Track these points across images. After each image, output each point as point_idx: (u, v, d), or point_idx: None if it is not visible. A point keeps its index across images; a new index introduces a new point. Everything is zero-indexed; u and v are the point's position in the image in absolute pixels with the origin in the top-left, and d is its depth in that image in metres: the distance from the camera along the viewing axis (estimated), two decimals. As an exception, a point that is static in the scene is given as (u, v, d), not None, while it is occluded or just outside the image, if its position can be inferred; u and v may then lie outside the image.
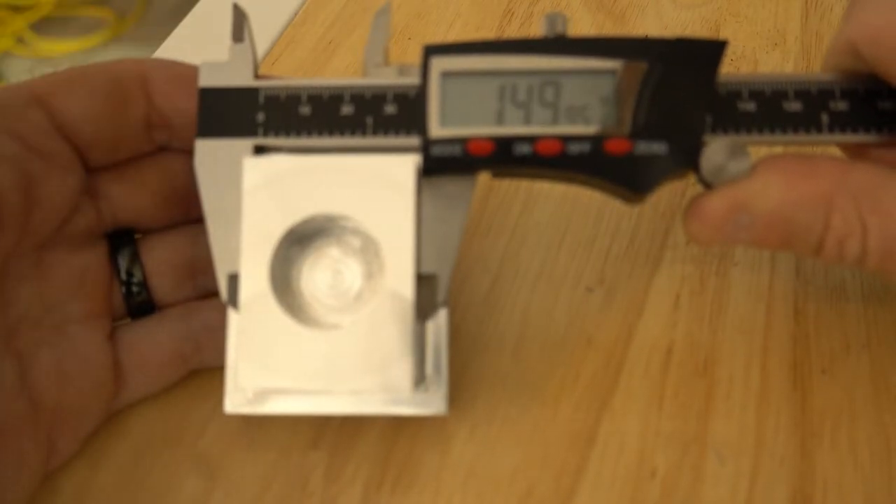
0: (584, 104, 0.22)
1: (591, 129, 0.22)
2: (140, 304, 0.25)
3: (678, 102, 0.22)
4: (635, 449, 0.24)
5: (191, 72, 0.24)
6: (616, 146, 0.22)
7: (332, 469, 0.24)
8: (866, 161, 0.23)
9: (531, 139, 0.22)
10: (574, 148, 0.22)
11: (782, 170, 0.21)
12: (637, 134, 0.22)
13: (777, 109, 0.23)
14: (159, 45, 0.38)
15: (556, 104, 0.22)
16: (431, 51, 0.23)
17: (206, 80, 0.23)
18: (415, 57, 0.23)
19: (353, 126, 0.23)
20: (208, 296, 0.26)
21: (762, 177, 0.21)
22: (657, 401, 0.25)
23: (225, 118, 0.23)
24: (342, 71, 0.36)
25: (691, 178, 0.23)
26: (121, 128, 0.24)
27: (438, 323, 0.23)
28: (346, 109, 0.23)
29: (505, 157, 0.22)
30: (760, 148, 0.24)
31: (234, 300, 0.22)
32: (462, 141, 0.22)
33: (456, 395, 0.25)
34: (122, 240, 0.25)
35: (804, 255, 0.24)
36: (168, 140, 0.25)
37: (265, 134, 0.23)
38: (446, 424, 0.25)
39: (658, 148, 0.22)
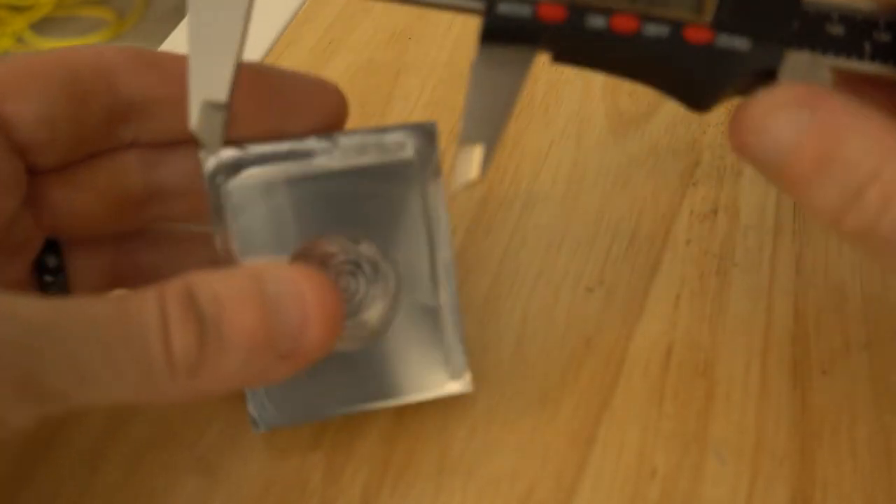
0: None
1: (671, 12, 0.20)
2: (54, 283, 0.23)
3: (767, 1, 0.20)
4: (635, 449, 0.24)
5: (156, 56, 0.22)
6: (696, 34, 0.20)
7: (332, 470, 0.24)
8: None
9: (607, 12, 0.20)
10: (651, 29, 0.20)
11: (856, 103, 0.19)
12: (720, 25, 0.20)
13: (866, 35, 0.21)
14: (159, 45, 0.38)
15: None
16: None
17: None
18: (415, 57, 0.23)
19: None
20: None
21: (840, 93, 0.19)
22: (657, 401, 0.25)
23: None
24: (342, 71, 0.36)
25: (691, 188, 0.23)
26: (81, 127, 0.22)
27: (451, 304, 0.23)
28: None
29: (576, 29, 0.20)
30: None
31: (209, 135, 0.21)
32: (533, 2, 0.20)
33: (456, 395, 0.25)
34: (46, 249, 0.23)
35: (827, 204, 0.19)
36: (136, 134, 0.23)
37: None
38: (446, 425, 0.25)
39: (740, 43, 0.20)
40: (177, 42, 0.38)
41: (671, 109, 0.33)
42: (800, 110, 0.19)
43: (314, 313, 0.19)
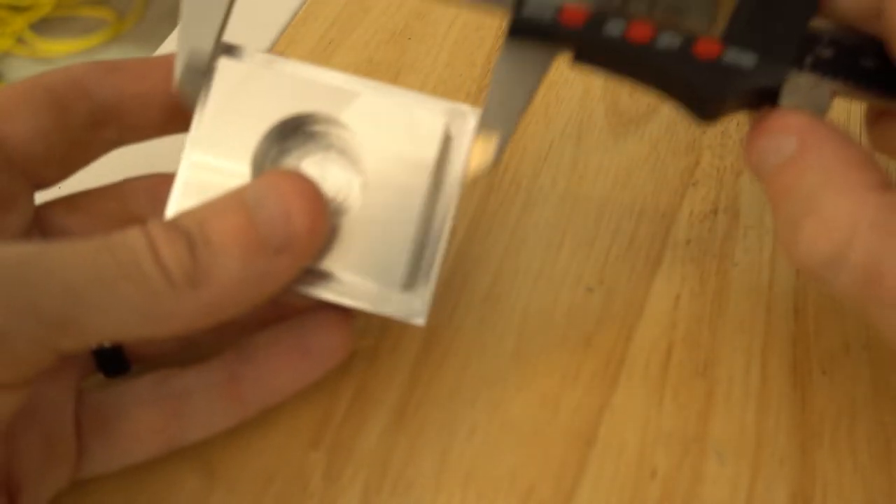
0: (685, 3, 0.21)
1: (686, 22, 0.21)
2: (111, 359, 0.24)
3: (778, 17, 0.21)
4: (635, 449, 0.24)
5: (116, 62, 0.23)
6: (705, 48, 0.21)
7: (332, 470, 0.24)
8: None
9: (626, 17, 0.21)
10: (664, 40, 0.21)
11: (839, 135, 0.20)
12: (729, 38, 0.21)
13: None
14: (159, 45, 0.38)
15: None
16: None
17: None
18: (415, 57, 0.23)
19: None
20: (183, 343, 0.24)
21: (820, 122, 0.20)
22: (657, 401, 0.25)
23: None
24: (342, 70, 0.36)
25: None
26: (69, 134, 0.23)
27: (441, 228, 0.22)
28: None
29: (594, 34, 0.21)
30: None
31: (189, 95, 0.22)
32: (556, 6, 0.21)
33: (456, 395, 0.25)
34: None
35: (781, 229, 0.21)
36: (119, 135, 0.24)
37: None
38: (446, 425, 0.25)
39: (746, 60, 0.21)
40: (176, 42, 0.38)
41: (671, 109, 0.33)
42: (787, 139, 0.20)
43: (295, 202, 0.19)
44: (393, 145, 0.22)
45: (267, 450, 0.24)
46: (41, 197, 0.24)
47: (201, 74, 0.22)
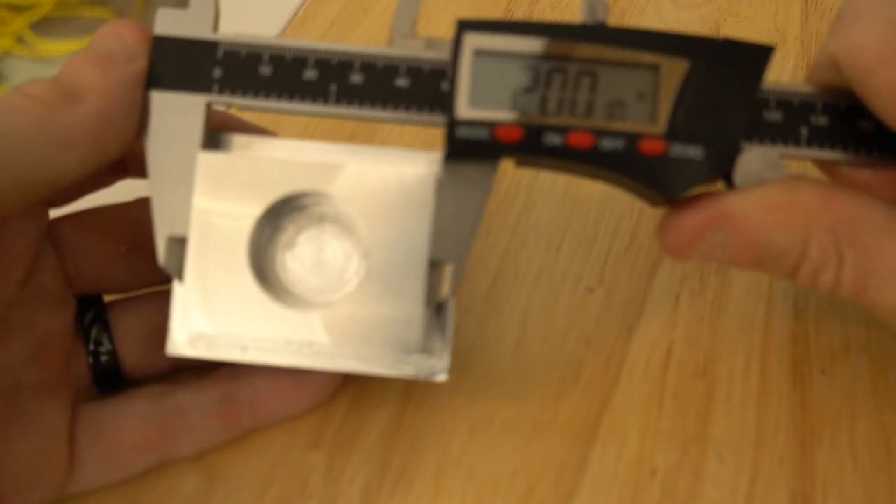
0: (622, 98, 0.21)
1: (626, 126, 0.21)
2: (107, 374, 0.24)
3: (718, 106, 0.21)
4: (635, 449, 0.24)
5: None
6: (650, 146, 0.21)
7: (332, 470, 0.24)
8: (847, 188, 0.22)
9: (563, 130, 0.21)
10: (607, 144, 0.21)
11: (764, 193, 0.21)
12: (673, 135, 0.21)
13: (758, 118, 0.22)
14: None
15: (592, 95, 0.21)
16: (466, 26, 0.21)
17: (163, 28, 0.22)
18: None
19: (314, 92, 0.22)
20: (177, 365, 0.24)
21: (743, 196, 0.21)
22: (657, 401, 0.25)
23: (179, 71, 0.22)
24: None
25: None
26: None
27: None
28: (309, 74, 0.22)
29: (534, 147, 0.21)
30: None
31: (176, 267, 0.22)
32: (490, 125, 0.21)
33: (456, 395, 0.25)
34: (91, 306, 0.24)
35: (777, 278, 0.24)
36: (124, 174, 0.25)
37: (221, 91, 0.22)
38: (446, 425, 0.25)
39: (693, 152, 0.21)
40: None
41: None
42: (716, 233, 0.21)
43: (121, 27, 0.22)
44: (387, 208, 0.22)
45: (267, 450, 0.24)
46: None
47: (182, 246, 0.22)
